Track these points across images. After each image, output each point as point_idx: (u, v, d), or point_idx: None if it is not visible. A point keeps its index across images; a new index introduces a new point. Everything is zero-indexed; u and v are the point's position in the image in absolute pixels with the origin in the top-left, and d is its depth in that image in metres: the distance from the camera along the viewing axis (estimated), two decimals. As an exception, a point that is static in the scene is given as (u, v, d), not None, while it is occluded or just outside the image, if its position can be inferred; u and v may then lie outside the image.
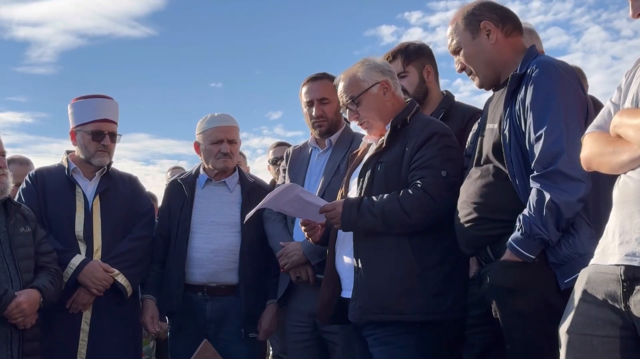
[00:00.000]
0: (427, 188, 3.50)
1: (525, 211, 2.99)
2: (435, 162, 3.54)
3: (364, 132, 3.92)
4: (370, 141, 3.89)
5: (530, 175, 3.01)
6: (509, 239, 3.02)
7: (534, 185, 2.98)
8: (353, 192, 3.79)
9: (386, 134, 3.70)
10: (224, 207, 4.80)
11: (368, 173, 3.69)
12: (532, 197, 2.97)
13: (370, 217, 3.54)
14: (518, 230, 2.99)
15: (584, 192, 2.93)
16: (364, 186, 3.68)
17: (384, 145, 3.68)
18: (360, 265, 3.62)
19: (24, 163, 6.00)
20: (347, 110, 3.84)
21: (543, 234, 2.93)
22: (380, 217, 3.51)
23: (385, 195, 3.56)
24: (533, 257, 2.98)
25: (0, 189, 4.05)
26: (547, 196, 2.91)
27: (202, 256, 4.66)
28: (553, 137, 2.96)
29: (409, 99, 3.89)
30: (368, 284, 3.57)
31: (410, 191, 3.53)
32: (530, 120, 3.06)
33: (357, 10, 16.79)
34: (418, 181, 3.53)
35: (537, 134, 3.02)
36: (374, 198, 3.58)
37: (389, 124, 3.70)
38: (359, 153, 3.99)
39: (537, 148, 3.00)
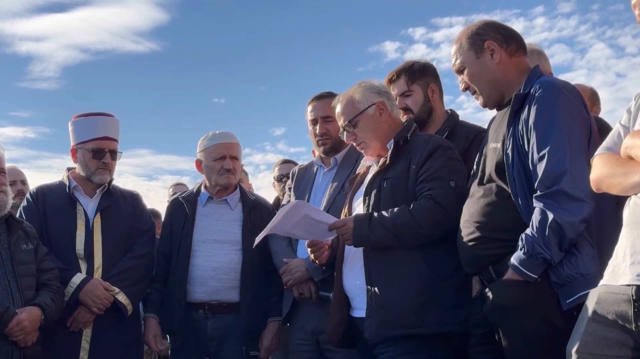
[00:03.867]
0: (437, 199, 3.50)
1: (528, 231, 2.98)
2: (442, 173, 3.56)
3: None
4: (370, 163, 3.90)
5: (534, 195, 3.01)
6: (511, 258, 3.02)
7: (537, 205, 2.97)
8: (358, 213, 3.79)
9: (389, 151, 3.71)
10: (225, 225, 4.80)
11: (374, 192, 3.69)
12: (535, 217, 2.96)
13: (382, 231, 3.53)
14: (520, 249, 2.98)
15: (587, 212, 2.91)
16: (371, 204, 3.69)
17: (387, 162, 3.69)
18: (373, 282, 3.61)
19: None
20: (345, 132, 3.87)
21: (545, 254, 2.92)
22: (392, 230, 3.51)
23: (396, 209, 3.56)
24: (535, 277, 2.97)
25: None
26: (550, 216, 2.90)
27: (204, 274, 4.66)
28: (556, 157, 2.96)
29: (407, 119, 3.90)
30: (383, 300, 3.55)
31: (421, 203, 3.54)
32: (533, 140, 3.06)
33: (361, 27, 16.88)
34: (428, 193, 3.54)
35: (540, 154, 3.01)
36: (384, 212, 3.58)
37: (392, 141, 3.72)
38: (359, 176, 3.99)
39: (540, 168, 2.99)
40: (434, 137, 3.72)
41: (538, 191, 2.98)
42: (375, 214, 3.60)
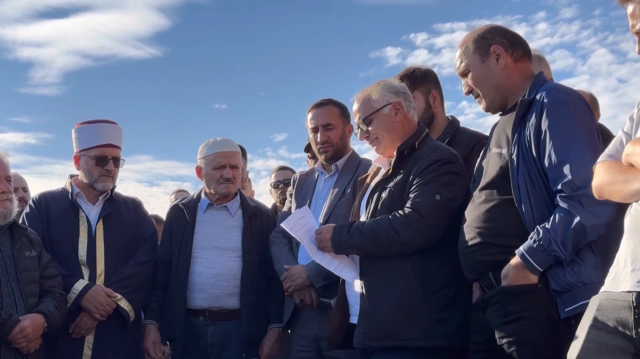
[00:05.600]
0: (416, 207, 3.49)
1: (547, 225, 2.96)
2: (430, 186, 3.53)
3: (373, 152, 3.93)
4: (380, 165, 3.91)
5: (558, 194, 2.99)
6: (520, 247, 3.01)
7: (562, 204, 2.95)
8: (363, 219, 3.79)
9: (392, 160, 3.71)
10: (225, 232, 4.80)
11: (374, 199, 3.71)
12: (559, 215, 2.95)
13: (360, 237, 3.57)
14: (533, 241, 2.97)
15: (610, 216, 2.89)
16: (370, 211, 3.70)
17: (390, 171, 3.70)
18: (364, 291, 3.63)
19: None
20: (359, 130, 3.87)
21: (560, 252, 2.91)
22: (370, 236, 3.54)
23: (378, 217, 3.59)
24: (540, 270, 2.97)
25: (4, 214, 4.06)
26: (577, 218, 2.90)
27: (204, 281, 4.66)
28: (581, 161, 2.94)
29: (420, 124, 3.90)
30: (371, 309, 3.57)
31: (400, 211, 3.54)
32: (549, 145, 3.04)
33: (363, 32, 16.86)
34: (409, 202, 3.54)
35: (561, 157, 3.00)
36: (365, 221, 3.63)
37: (396, 150, 3.71)
38: (368, 178, 4.00)
39: (566, 170, 2.97)
40: (438, 149, 3.68)
41: (564, 193, 2.96)
42: (356, 222, 3.66)
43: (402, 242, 3.50)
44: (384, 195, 3.67)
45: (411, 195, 3.56)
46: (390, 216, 3.54)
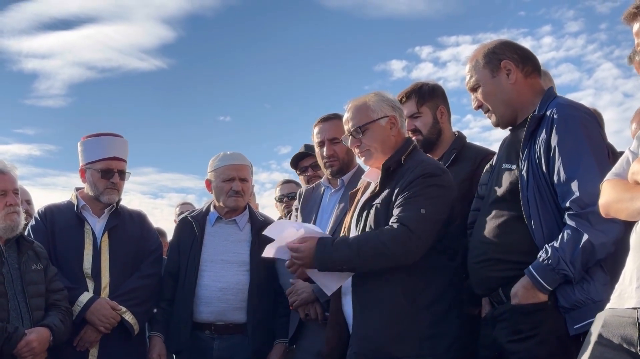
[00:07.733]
0: (403, 221, 3.43)
1: (556, 244, 2.96)
2: (415, 200, 3.48)
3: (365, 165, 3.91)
4: (369, 179, 3.87)
5: (567, 212, 2.98)
6: (529, 266, 3.00)
7: (570, 223, 2.95)
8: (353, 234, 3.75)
9: (379, 177, 3.67)
10: (233, 246, 4.80)
11: (363, 217, 3.67)
12: (567, 234, 2.94)
13: (345, 250, 3.47)
14: (542, 260, 2.97)
15: (619, 233, 2.87)
16: (360, 229, 3.66)
17: (377, 189, 3.66)
18: (357, 310, 3.60)
19: None
20: (350, 137, 3.81)
21: (569, 271, 2.91)
22: (356, 249, 3.45)
23: (365, 232, 3.56)
24: (549, 289, 2.97)
25: (11, 227, 4.07)
26: (585, 236, 2.89)
27: (211, 294, 4.65)
28: (589, 178, 2.94)
29: (408, 137, 3.87)
30: (362, 328, 3.55)
31: (387, 227, 3.49)
32: (559, 161, 3.04)
33: (368, 45, 16.78)
34: (395, 217, 3.48)
35: (569, 174, 3.00)
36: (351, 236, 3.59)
37: (381, 167, 3.66)
38: (358, 194, 3.95)
39: (574, 187, 2.97)
40: (423, 164, 3.63)
41: (572, 210, 2.96)
42: (341, 236, 3.60)
43: (389, 255, 3.43)
44: (371, 212, 3.63)
45: (396, 211, 3.51)
46: (378, 231, 3.50)
